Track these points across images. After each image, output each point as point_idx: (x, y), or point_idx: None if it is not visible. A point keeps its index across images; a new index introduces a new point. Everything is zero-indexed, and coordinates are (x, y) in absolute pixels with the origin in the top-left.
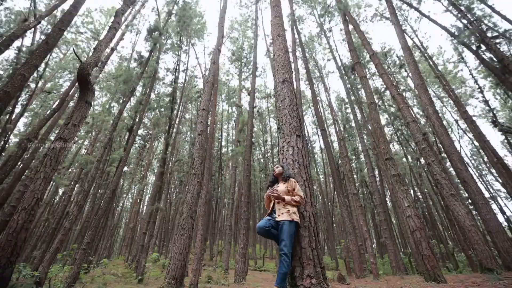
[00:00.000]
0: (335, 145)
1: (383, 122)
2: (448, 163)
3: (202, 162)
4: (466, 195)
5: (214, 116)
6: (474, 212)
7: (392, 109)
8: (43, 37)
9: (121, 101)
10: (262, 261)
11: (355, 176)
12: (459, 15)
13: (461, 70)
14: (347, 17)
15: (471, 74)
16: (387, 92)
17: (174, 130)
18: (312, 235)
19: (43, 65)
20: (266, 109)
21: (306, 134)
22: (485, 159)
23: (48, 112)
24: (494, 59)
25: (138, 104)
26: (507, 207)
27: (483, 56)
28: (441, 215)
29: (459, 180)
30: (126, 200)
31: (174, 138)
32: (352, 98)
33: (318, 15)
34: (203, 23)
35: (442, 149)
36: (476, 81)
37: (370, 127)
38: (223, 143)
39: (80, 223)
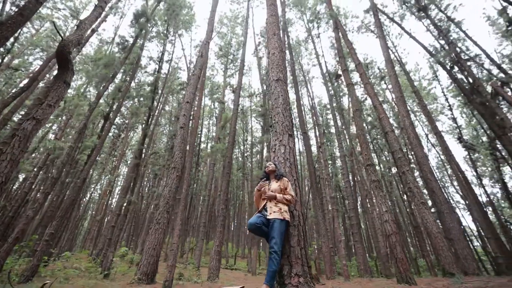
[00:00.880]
0: (313, 148)
1: None
2: (416, 173)
3: (183, 156)
4: (430, 203)
5: (199, 110)
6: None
7: (370, 119)
8: (14, 8)
9: (99, 86)
10: (234, 260)
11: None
12: (439, 35)
13: (435, 87)
14: (338, 25)
15: (443, 92)
16: (366, 101)
17: (153, 121)
18: (301, 234)
19: (12, 39)
20: (248, 108)
21: None
22: (449, 172)
23: (13, 91)
24: (465, 80)
25: (116, 91)
26: (464, 218)
27: (456, 76)
28: (406, 222)
29: (426, 190)
30: (94, 191)
31: (152, 129)
32: (334, 104)
33: (307, 20)
34: (192, 14)
35: (412, 160)
36: (447, 99)
37: (347, 135)
38: (202, 139)
39: (41, 212)
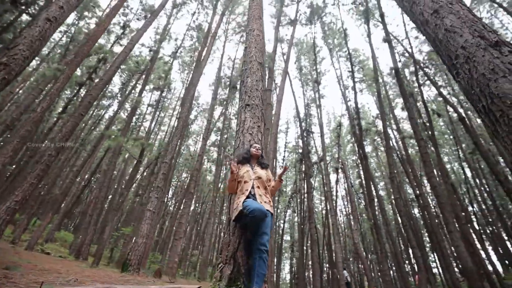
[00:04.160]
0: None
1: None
2: None
3: (30, 58)
4: None
5: (110, 20)
6: None
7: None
8: None
9: None
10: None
11: None
12: (307, 105)
13: (282, 139)
14: (276, 48)
15: (285, 144)
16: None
17: None
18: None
19: None
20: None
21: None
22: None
23: None
24: (305, 147)
25: None
26: None
27: (304, 139)
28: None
29: None
30: None
31: None
32: None
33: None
34: None
35: None
36: (285, 151)
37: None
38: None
39: None
